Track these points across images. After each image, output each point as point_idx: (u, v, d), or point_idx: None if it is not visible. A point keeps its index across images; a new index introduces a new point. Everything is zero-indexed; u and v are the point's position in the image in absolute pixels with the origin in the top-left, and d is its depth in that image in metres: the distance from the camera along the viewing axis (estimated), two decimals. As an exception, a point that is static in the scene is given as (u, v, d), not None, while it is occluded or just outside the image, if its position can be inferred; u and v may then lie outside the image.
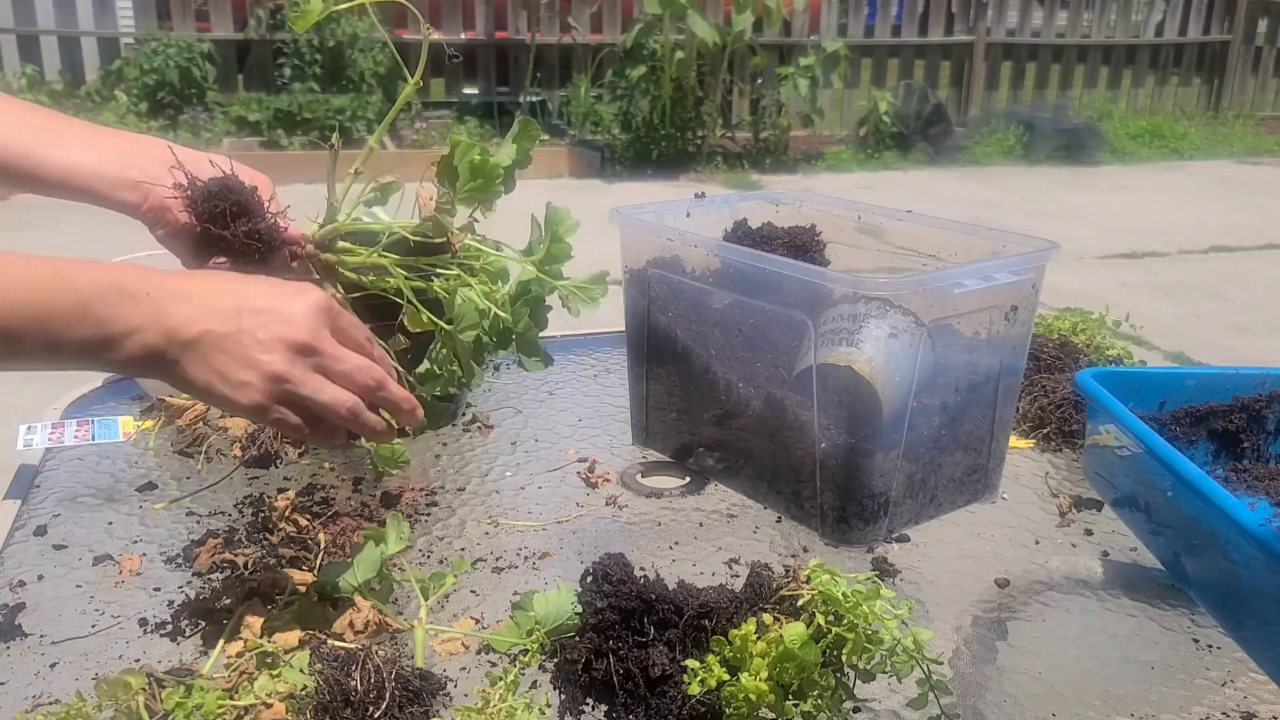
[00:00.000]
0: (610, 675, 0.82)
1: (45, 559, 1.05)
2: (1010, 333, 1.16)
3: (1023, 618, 1.00)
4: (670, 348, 1.26)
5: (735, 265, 1.15)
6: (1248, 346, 4.45)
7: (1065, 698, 0.88)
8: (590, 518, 1.16)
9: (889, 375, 1.06)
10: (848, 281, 1.05)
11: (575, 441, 1.35)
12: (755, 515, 1.18)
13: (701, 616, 0.83)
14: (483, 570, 1.05)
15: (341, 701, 0.77)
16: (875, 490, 1.10)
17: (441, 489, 1.22)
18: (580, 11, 8.09)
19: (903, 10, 8.98)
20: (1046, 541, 1.13)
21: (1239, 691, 0.89)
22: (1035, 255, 1.13)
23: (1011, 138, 8.59)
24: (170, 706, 0.78)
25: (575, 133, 7.84)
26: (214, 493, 1.19)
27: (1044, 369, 1.46)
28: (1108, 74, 9.69)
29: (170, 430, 1.32)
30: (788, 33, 8.44)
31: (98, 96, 7.32)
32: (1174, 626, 0.98)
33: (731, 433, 1.22)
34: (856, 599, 0.77)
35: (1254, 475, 1.12)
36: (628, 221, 1.26)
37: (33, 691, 0.85)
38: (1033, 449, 1.35)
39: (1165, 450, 0.94)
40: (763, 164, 7.89)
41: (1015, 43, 9.34)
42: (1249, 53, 10.01)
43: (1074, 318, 1.61)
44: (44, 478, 1.22)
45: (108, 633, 0.93)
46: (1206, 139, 9.28)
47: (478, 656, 0.91)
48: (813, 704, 0.78)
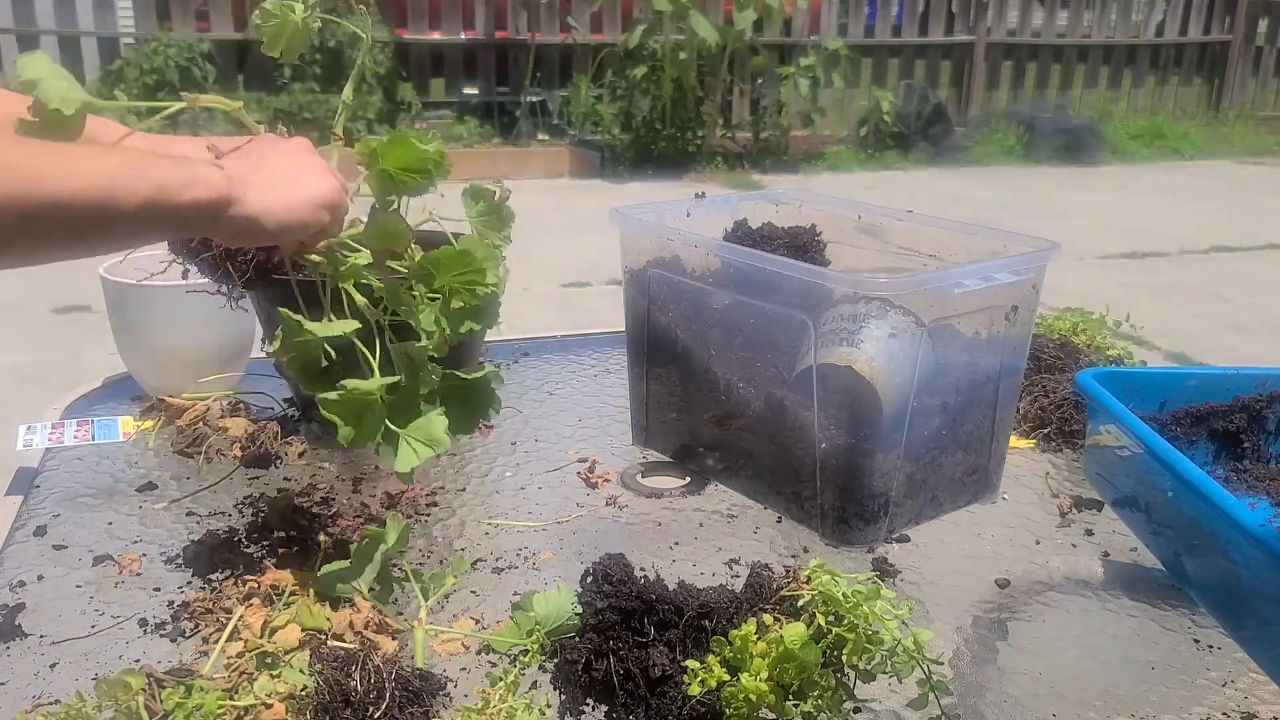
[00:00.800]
0: (610, 676, 0.82)
1: (45, 559, 1.05)
2: (1011, 333, 1.16)
3: (1023, 618, 1.00)
4: (670, 348, 1.26)
5: (735, 265, 1.15)
6: (1248, 346, 4.45)
7: (1066, 698, 0.88)
8: (590, 518, 1.16)
9: (889, 375, 1.06)
10: (848, 281, 1.05)
11: (575, 441, 1.35)
12: (755, 515, 1.18)
13: (702, 617, 0.83)
14: (483, 570, 1.05)
15: (341, 701, 0.77)
16: (875, 490, 1.10)
17: (441, 489, 1.21)
18: (580, 11, 8.09)
19: (903, 10, 8.98)
20: (1047, 542, 1.13)
21: (1239, 692, 0.89)
22: (1036, 255, 1.13)
23: (1012, 138, 8.59)
24: (170, 707, 0.78)
25: (575, 133, 7.84)
26: (214, 493, 1.19)
27: (1044, 369, 1.46)
28: (1108, 74, 9.69)
29: (170, 430, 1.32)
30: (788, 33, 8.44)
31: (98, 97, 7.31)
32: (1174, 627, 0.98)
33: (731, 433, 1.22)
34: (857, 599, 0.77)
35: (1254, 475, 1.12)
36: (628, 221, 1.26)
37: (33, 691, 0.85)
38: (1033, 449, 1.34)
39: (1166, 450, 0.94)
40: (763, 164, 7.89)
41: (1016, 43, 9.33)
42: (1249, 53, 10.01)
43: (1074, 318, 1.61)
44: (44, 478, 1.22)
45: (108, 633, 0.93)
46: (1207, 139, 9.28)
47: (478, 657, 0.91)
48: (813, 704, 0.78)
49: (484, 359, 1.57)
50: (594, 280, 4.35)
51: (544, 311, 1.65)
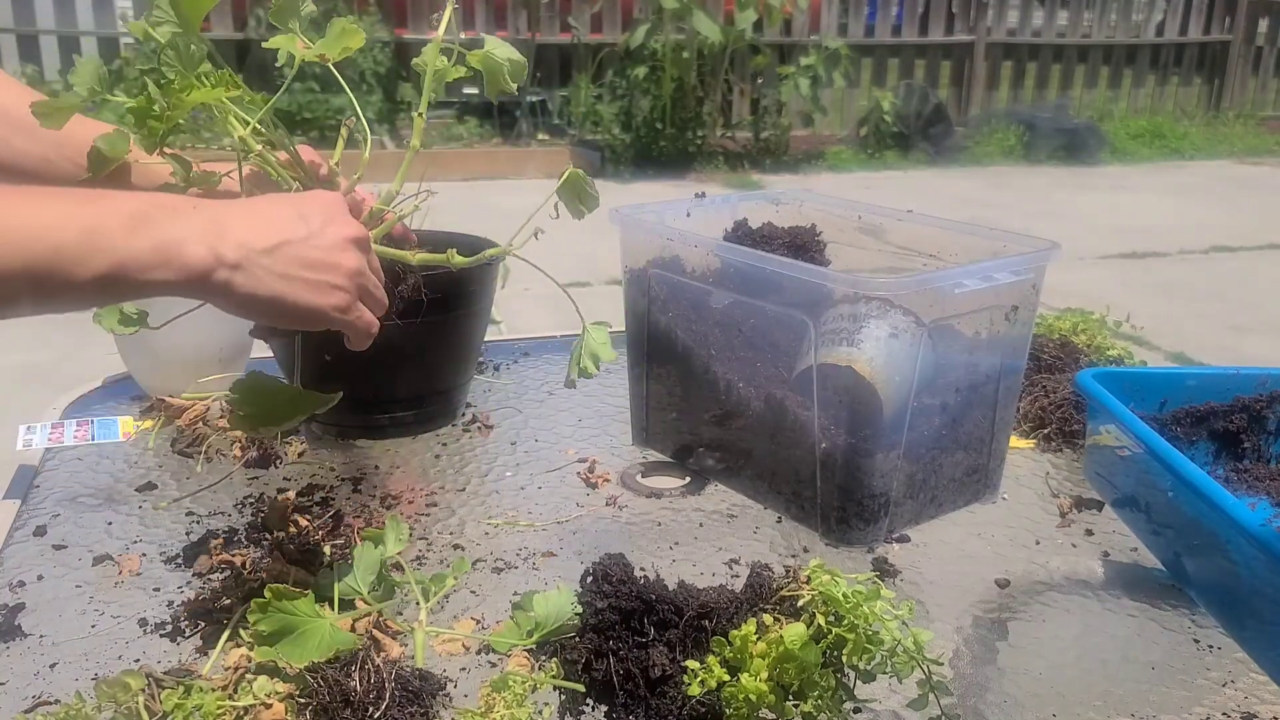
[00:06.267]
0: (610, 676, 0.82)
1: (45, 559, 1.05)
2: (1011, 333, 1.16)
3: (1023, 618, 1.00)
4: (670, 348, 1.26)
5: (735, 265, 1.15)
6: (1248, 346, 4.45)
7: (1066, 698, 0.88)
8: (590, 518, 1.16)
9: (889, 375, 1.06)
10: (848, 281, 1.05)
11: (575, 441, 1.35)
12: (755, 515, 1.18)
13: (701, 617, 0.83)
14: (483, 570, 1.05)
15: (341, 702, 0.77)
16: (876, 490, 1.10)
17: (441, 489, 1.21)
18: (580, 11, 8.09)
19: (903, 10, 8.98)
20: (1047, 542, 1.13)
21: (1240, 692, 0.89)
22: (1036, 255, 1.13)
23: (1012, 138, 8.59)
24: (170, 707, 0.77)
25: (575, 133, 7.84)
26: (214, 493, 1.19)
27: (1044, 369, 1.46)
28: (1108, 74, 9.69)
29: (170, 430, 1.32)
30: (788, 32, 8.44)
31: (98, 96, 7.31)
32: (1175, 627, 0.98)
33: (732, 433, 1.22)
34: (857, 599, 0.77)
35: (1254, 475, 1.12)
36: (628, 221, 1.26)
37: (33, 691, 0.85)
38: (1033, 449, 1.34)
39: (1166, 450, 0.94)
40: (763, 164, 7.89)
41: (1016, 42, 9.33)
42: (1249, 53, 10.01)
43: (1074, 318, 1.60)
44: (44, 478, 1.22)
45: (107, 633, 0.93)
46: (1207, 139, 9.28)
47: (478, 657, 0.91)
48: (813, 704, 0.78)
49: (483, 358, 1.57)
50: (594, 280, 4.35)
51: (544, 311, 1.65)
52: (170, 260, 0.74)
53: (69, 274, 0.69)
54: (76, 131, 0.99)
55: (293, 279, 0.81)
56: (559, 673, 0.84)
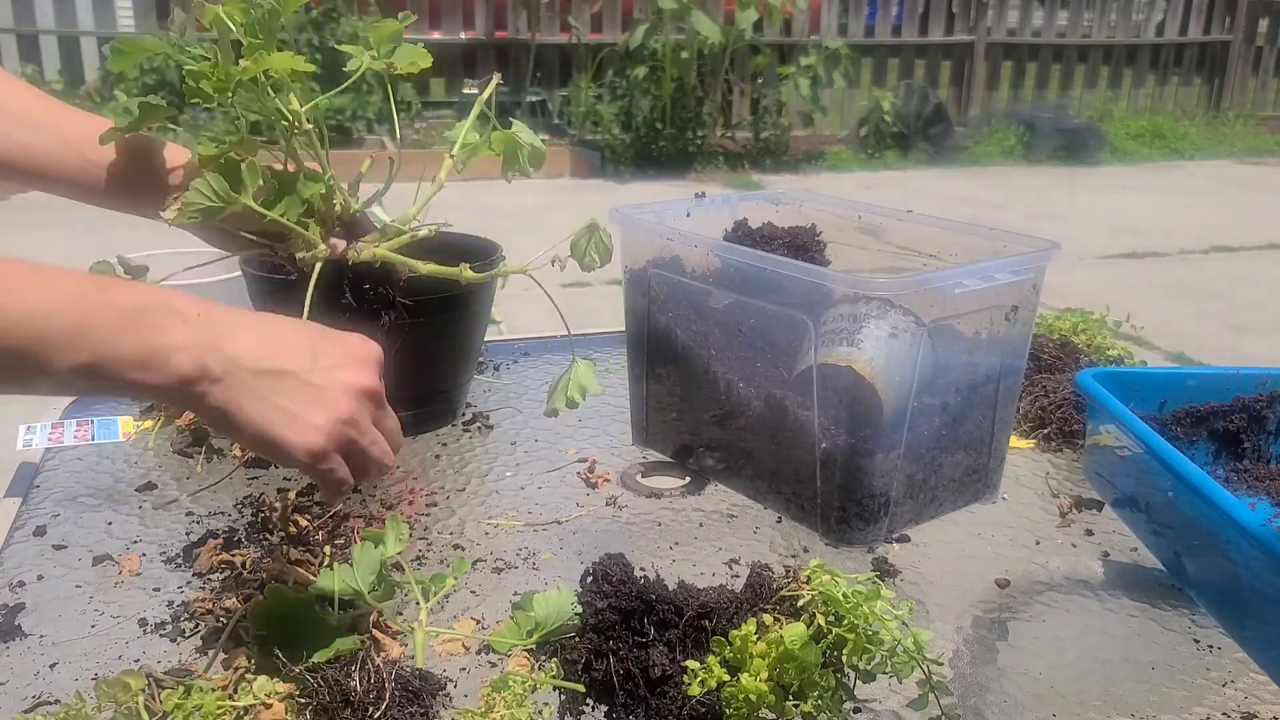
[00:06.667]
0: (610, 676, 0.82)
1: (45, 559, 1.05)
2: (1011, 333, 1.16)
3: (1023, 618, 1.00)
4: (670, 348, 1.26)
5: (735, 265, 1.15)
6: (1248, 346, 4.45)
7: (1066, 698, 0.88)
8: (590, 518, 1.16)
9: (889, 375, 1.06)
10: (848, 281, 1.05)
11: (575, 441, 1.35)
12: (755, 515, 1.18)
13: (701, 617, 0.83)
14: (483, 570, 1.05)
15: (341, 702, 0.77)
16: (876, 490, 1.10)
17: (441, 489, 1.21)
18: (580, 11, 8.08)
19: (903, 10, 8.98)
20: (1047, 542, 1.13)
21: (1240, 692, 0.89)
22: (1036, 255, 1.13)
23: (1012, 138, 8.59)
24: (170, 707, 0.77)
25: (575, 133, 7.83)
26: (214, 493, 1.19)
27: (1044, 369, 1.46)
28: (1108, 74, 9.69)
29: (170, 430, 1.32)
30: (788, 32, 8.44)
31: (97, 97, 7.31)
32: (1174, 627, 0.98)
33: (731, 433, 1.22)
34: (857, 599, 0.77)
35: (1255, 475, 1.12)
36: (628, 221, 1.26)
37: (33, 691, 0.85)
38: (1033, 449, 1.34)
39: (1166, 450, 0.94)
40: (763, 164, 7.89)
41: (1016, 43, 9.33)
42: (1249, 53, 10.00)
43: (1074, 318, 1.60)
44: (44, 478, 1.22)
45: (107, 633, 0.93)
46: (1207, 139, 9.28)
47: (478, 657, 0.91)
48: (813, 704, 0.78)
49: (483, 358, 1.58)
50: (594, 280, 4.35)
51: (544, 312, 1.63)
52: (152, 364, 0.72)
53: (49, 361, 0.68)
54: (84, 128, 0.99)
55: (273, 406, 0.77)
56: (559, 673, 0.84)
